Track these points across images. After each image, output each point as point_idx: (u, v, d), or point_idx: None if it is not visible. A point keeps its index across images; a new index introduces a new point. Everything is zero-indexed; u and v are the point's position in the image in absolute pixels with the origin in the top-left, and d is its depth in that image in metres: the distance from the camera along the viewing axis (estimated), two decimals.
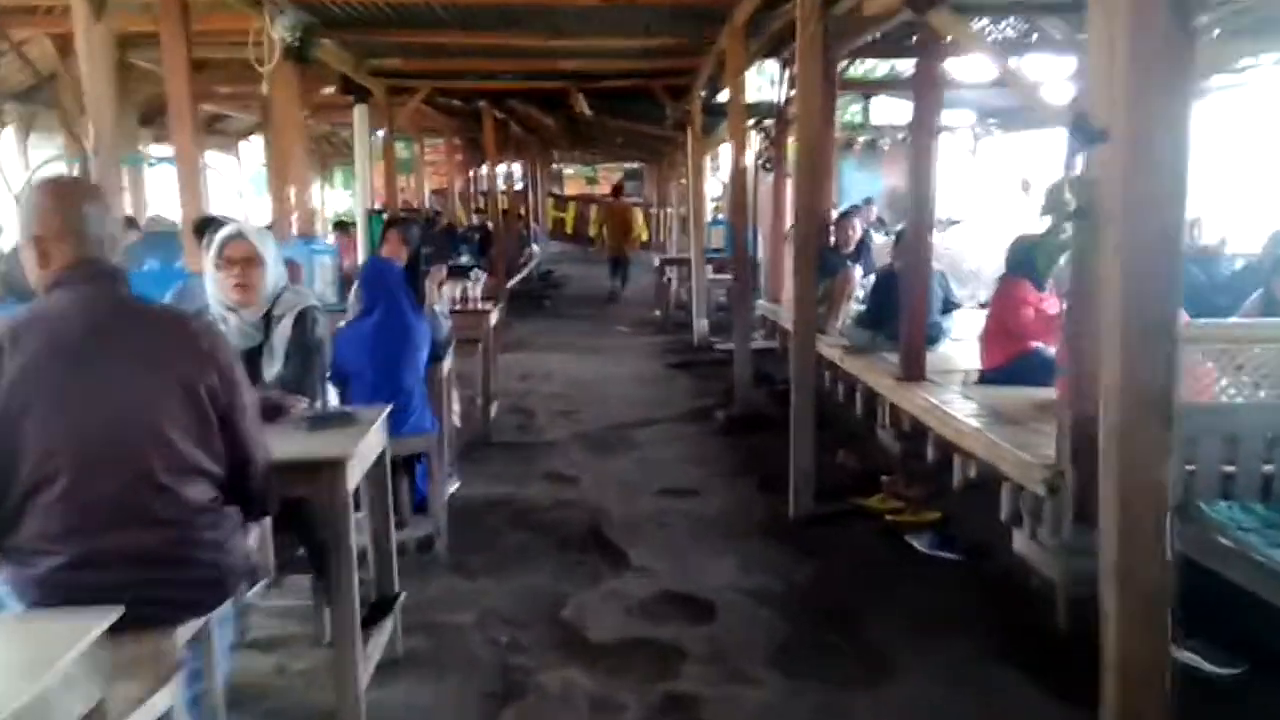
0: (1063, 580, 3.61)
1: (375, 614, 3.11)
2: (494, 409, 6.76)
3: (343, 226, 13.12)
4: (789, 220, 11.00)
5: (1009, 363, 5.69)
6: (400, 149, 17.71)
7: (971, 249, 9.81)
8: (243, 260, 3.09)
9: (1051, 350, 5.75)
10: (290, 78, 7.97)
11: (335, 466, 2.63)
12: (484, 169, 16.98)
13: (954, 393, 5.49)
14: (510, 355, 9.90)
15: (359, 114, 9.85)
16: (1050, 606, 3.61)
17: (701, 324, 10.41)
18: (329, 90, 10.12)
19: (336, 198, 20.78)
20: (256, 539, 2.99)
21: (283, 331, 3.16)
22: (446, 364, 4.72)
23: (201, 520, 2.20)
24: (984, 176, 13.00)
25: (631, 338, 11.30)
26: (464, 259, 15.07)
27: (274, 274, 3.16)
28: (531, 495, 5.28)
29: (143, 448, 2.12)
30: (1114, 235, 2.21)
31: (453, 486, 4.79)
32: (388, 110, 9.68)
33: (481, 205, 18.31)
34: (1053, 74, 10.60)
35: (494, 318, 6.54)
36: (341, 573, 2.67)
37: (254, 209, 19.07)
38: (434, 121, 15.52)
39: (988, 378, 5.68)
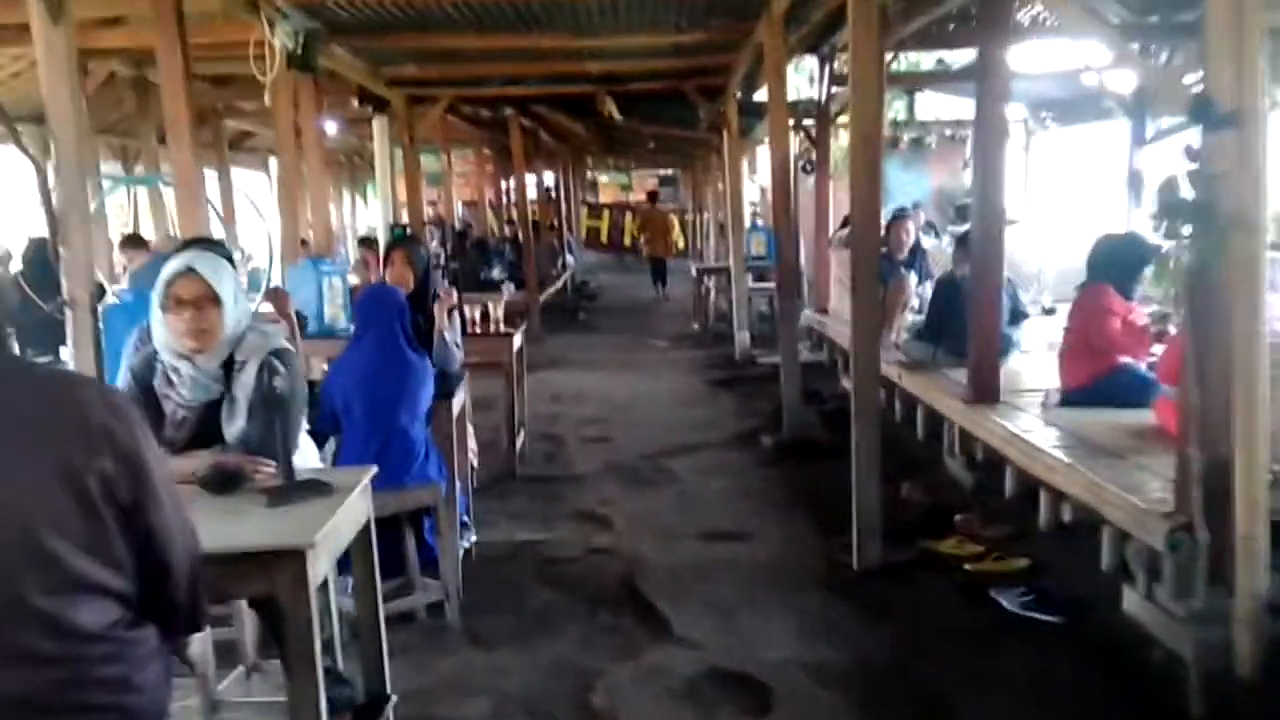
0: (1195, 655, 2.98)
1: None
2: (521, 438, 6.22)
3: (368, 243, 12.72)
4: (833, 225, 10.43)
5: (1093, 381, 5.05)
6: (430, 161, 17.35)
7: (1030, 251, 9.16)
8: (195, 300, 2.55)
9: (1141, 366, 5.12)
10: (303, 89, 7.54)
11: (294, 558, 2.09)
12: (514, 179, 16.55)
13: (1033, 417, 4.86)
14: (541, 374, 9.36)
15: (378, 125, 9.42)
16: (1178, 685, 2.99)
17: (743, 337, 9.81)
18: (356, 104, 9.68)
19: (371, 212, 20.43)
20: (200, 644, 2.47)
21: (246, 381, 2.62)
22: (459, 399, 4.18)
23: (98, 652, 1.66)
24: (1039, 173, 12.27)
25: (669, 352, 10.73)
26: (495, 272, 14.66)
27: (235, 313, 2.63)
28: (559, 540, 4.72)
29: (12, 562, 1.58)
30: None
31: (469, 540, 4.25)
32: (408, 120, 9.21)
33: (514, 216, 17.91)
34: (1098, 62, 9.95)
35: (518, 340, 6.00)
36: (303, 689, 2.13)
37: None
38: (462, 132, 15.09)
39: (1070, 399, 5.04)
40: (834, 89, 9.61)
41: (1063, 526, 4.46)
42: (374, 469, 2.64)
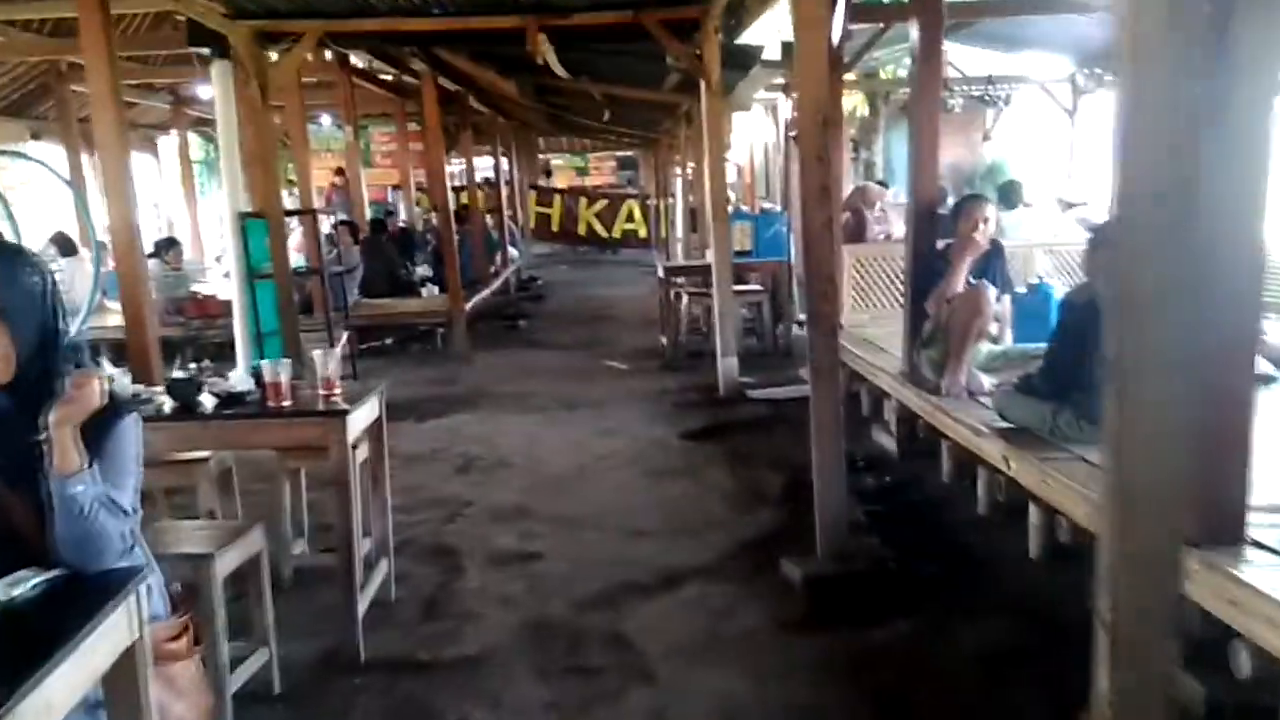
0: None
1: None
2: (382, 573, 3.68)
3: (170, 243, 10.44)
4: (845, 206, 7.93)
5: None
6: (340, 135, 14.54)
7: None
8: None
9: None
10: (88, 19, 4.92)
11: None
12: (452, 160, 13.89)
13: None
14: (454, 418, 6.81)
15: (219, 73, 6.75)
16: None
17: (729, 363, 7.27)
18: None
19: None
20: None
21: None
22: (120, 631, 1.61)
23: None
24: (1089, 143, 9.88)
25: (629, 379, 8.16)
26: (420, 270, 12.01)
27: None
28: None
29: None
30: None
31: None
32: (257, 67, 6.54)
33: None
34: None
35: (361, 419, 3.40)
36: None
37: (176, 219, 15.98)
38: (376, 99, 12.41)
39: None
40: (849, 26, 7.13)
41: None
42: None
